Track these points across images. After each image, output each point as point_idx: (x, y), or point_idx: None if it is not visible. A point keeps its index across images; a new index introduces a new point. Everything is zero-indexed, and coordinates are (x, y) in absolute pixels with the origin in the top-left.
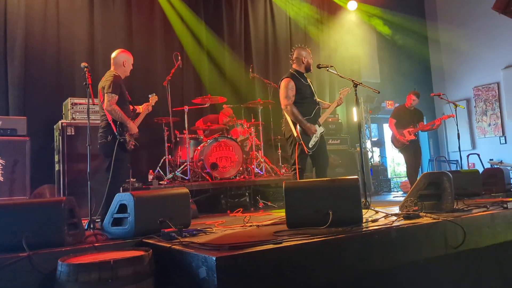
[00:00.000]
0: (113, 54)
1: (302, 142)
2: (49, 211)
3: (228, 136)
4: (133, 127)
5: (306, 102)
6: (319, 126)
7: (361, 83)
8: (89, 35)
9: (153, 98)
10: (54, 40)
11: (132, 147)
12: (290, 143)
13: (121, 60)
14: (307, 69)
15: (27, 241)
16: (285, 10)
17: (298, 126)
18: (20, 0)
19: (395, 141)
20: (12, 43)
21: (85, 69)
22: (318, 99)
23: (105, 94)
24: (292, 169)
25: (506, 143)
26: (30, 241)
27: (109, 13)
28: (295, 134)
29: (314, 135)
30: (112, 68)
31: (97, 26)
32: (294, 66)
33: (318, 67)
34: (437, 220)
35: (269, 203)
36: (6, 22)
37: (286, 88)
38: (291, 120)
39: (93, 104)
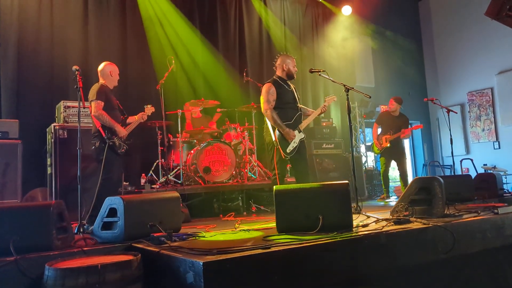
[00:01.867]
0: (100, 67)
1: (279, 147)
2: (37, 215)
3: (222, 140)
4: (120, 130)
5: (287, 108)
6: (299, 132)
7: (353, 88)
8: (83, 39)
9: (149, 109)
10: (47, 43)
11: (123, 150)
12: (269, 148)
13: (107, 70)
14: (289, 76)
15: (14, 245)
16: (280, 15)
17: (276, 131)
18: (14, 3)
19: (373, 147)
20: (5, 45)
21: (76, 72)
22: (300, 106)
23: (91, 102)
24: (273, 174)
25: (499, 148)
26: (17, 245)
27: (103, 18)
28: (273, 139)
29: (293, 140)
30: (100, 80)
31: (91, 30)
32: (277, 72)
33: (310, 71)
34: (427, 226)
35: (262, 207)
36: None
37: (266, 93)
38: (270, 124)
39: (84, 108)
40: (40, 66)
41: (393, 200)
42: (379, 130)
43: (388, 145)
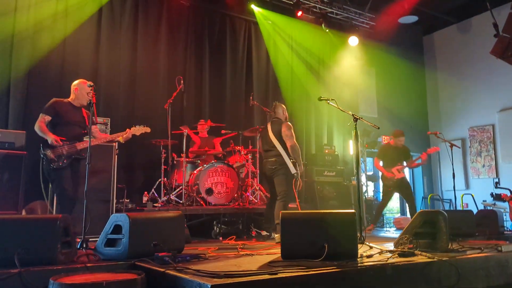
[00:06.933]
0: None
1: (300, 178)
2: (44, 228)
3: (225, 162)
4: (50, 137)
5: None
6: None
7: (361, 118)
8: (94, 54)
9: (137, 129)
10: (59, 57)
11: (58, 165)
12: (282, 173)
13: (72, 88)
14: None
15: (19, 257)
16: (288, 42)
17: (297, 166)
18: (29, 17)
19: (385, 180)
20: (17, 57)
21: (91, 88)
22: None
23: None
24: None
25: (499, 185)
26: (22, 258)
27: (115, 34)
28: (299, 172)
29: None
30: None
31: (103, 45)
32: (282, 118)
33: (319, 99)
34: (432, 260)
35: (262, 232)
36: (13, 37)
37: (292, 130)
38: (294, 158)
39: (97, 123)
40: (50, 79)
41: (394, 232)
42: (381, 163)
43: (403, 175)
